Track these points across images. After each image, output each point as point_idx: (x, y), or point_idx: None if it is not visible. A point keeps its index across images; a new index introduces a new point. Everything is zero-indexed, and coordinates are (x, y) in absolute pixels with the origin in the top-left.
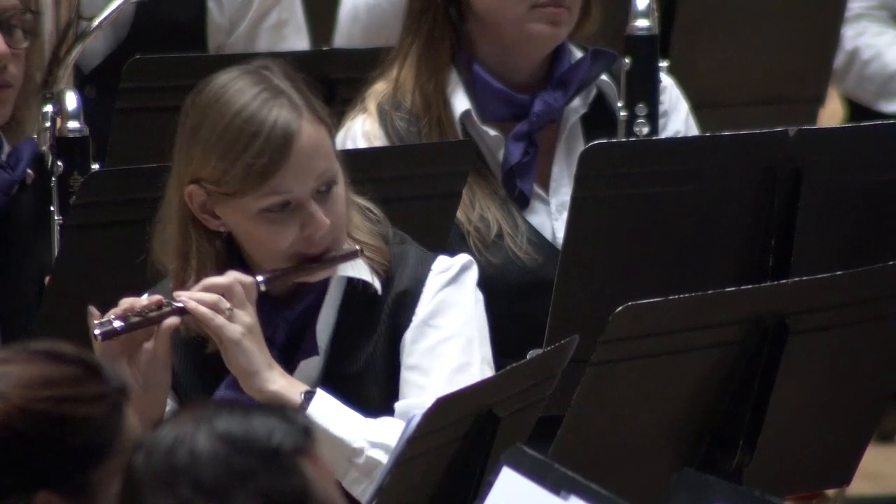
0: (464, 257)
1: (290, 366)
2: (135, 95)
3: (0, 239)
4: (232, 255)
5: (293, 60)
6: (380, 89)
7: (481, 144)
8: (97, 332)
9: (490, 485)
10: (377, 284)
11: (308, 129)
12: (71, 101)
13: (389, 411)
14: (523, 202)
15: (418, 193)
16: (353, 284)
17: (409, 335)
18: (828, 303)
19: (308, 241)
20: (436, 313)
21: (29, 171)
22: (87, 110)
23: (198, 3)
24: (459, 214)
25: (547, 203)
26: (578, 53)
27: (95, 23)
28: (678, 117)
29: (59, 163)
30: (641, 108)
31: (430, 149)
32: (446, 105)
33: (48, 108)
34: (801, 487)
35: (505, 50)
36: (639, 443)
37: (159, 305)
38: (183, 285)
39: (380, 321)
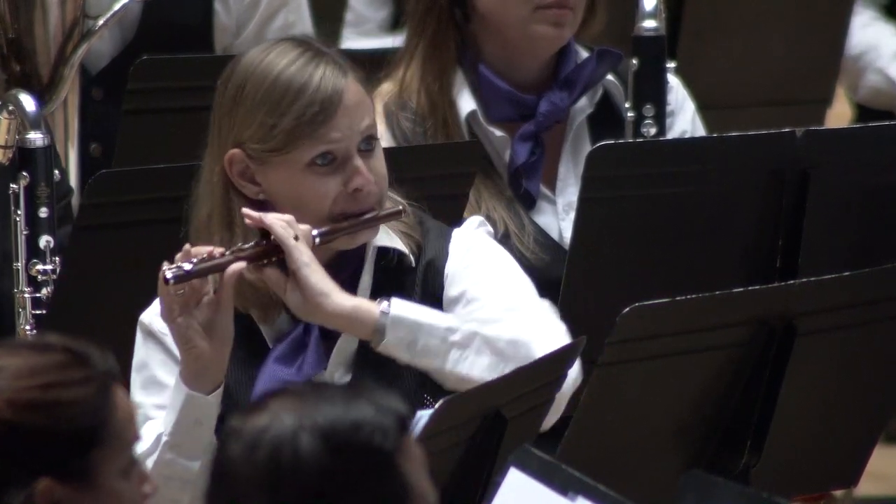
0: (477, 217)
1: (329, 341)
2: (142, 97)
3: None
4: None
5: None
6: (386, 90)
7: (487, 145)
8: (169, 275)
9: (498, 485)
10: (411, 256)
11: (353, 86)
12: (29, 106)
13: (424, 385)
14: (529, 202)
15: (424, 194)
16: (386, 258)
17: (447, 292)
18: (835, 304)
19: (353, 198)
20: (467, 256)
21: None
22: (95, 112)
23: (205, 5)
24: (466, 215)
25: (553, 203)
26: (584, 53)
27: (101, 21)
28: (685, 117)
29: (25, 173)
30: (649, 109)
31: (436, 150)
32: (452, 106)
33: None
34: (809, 488)
35: (509, 50)
36: (646, 444)
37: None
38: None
39: (413, 292)
